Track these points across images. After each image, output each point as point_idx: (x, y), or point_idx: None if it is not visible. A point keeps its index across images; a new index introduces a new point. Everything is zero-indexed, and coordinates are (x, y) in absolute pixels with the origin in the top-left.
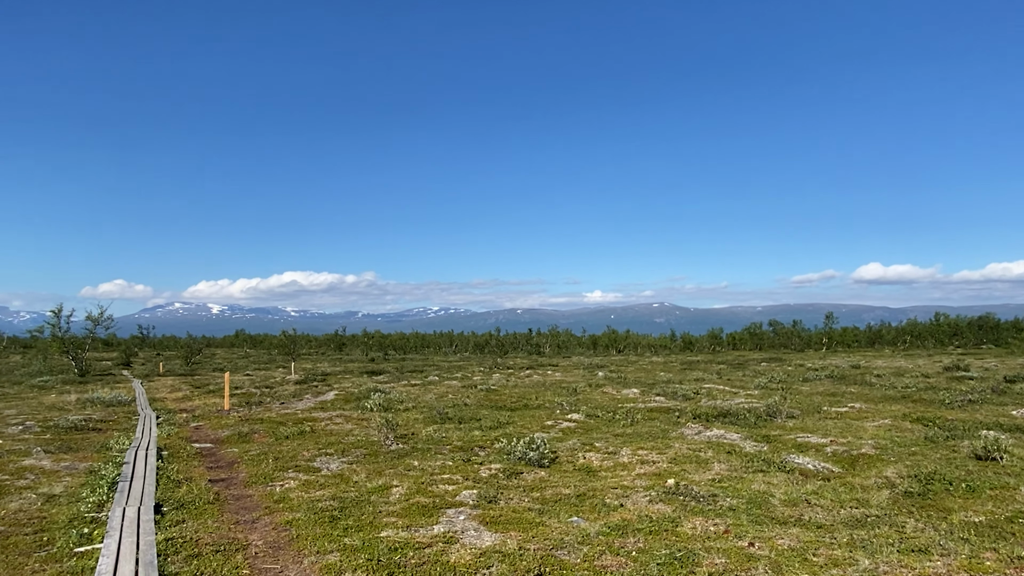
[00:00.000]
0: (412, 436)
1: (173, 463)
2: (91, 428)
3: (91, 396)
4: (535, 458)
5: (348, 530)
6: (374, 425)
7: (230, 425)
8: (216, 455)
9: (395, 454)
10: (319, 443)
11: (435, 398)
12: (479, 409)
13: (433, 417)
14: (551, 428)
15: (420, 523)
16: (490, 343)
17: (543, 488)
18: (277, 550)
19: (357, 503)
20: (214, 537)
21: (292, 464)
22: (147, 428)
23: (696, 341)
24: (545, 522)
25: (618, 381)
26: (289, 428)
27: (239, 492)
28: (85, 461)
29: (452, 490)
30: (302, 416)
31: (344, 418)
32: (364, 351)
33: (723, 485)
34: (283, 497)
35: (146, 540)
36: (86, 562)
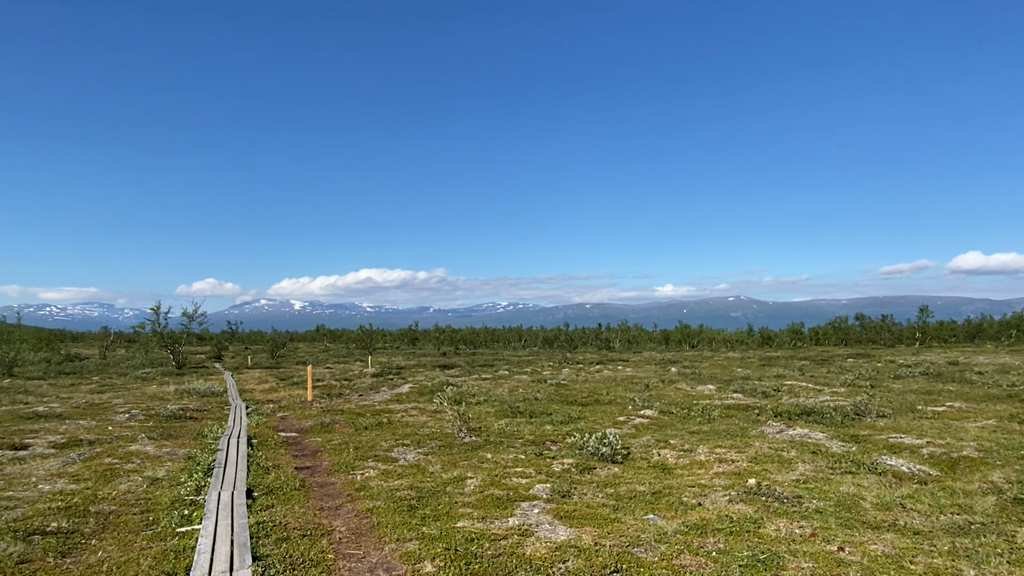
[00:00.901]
0: (484, 429)
1: (262, 451)
2: (188, 417)
3: (187, 387)
4: (608, 454)
5: (426, 519)
6: (447, 418)
7: (313, 416)
8: (301, 444)
9: (468, 446)
10: (396, 434)
11: (506, 392)
12: (549, 404)
13: (504, 411)
14: (623, 424)
15: (495, 515)
16: (559, 338)
17: (617, 484)
18: (359, 536)
19: (434, 493)
20: (301, 522)
21: (371, 454)
22: (238, 417)
23: (775, 336)
24: (620, 519)
25: (692, 377)
26: (368, 419)
27: (323, 480)
28: (183, 447)
29: (525, 483)
30: (379, 408)
31: (419, 410)
32: (436, 345)
33: (808, 486)
34: (364, 485)
35: (240, 523)
36: (187, 542)
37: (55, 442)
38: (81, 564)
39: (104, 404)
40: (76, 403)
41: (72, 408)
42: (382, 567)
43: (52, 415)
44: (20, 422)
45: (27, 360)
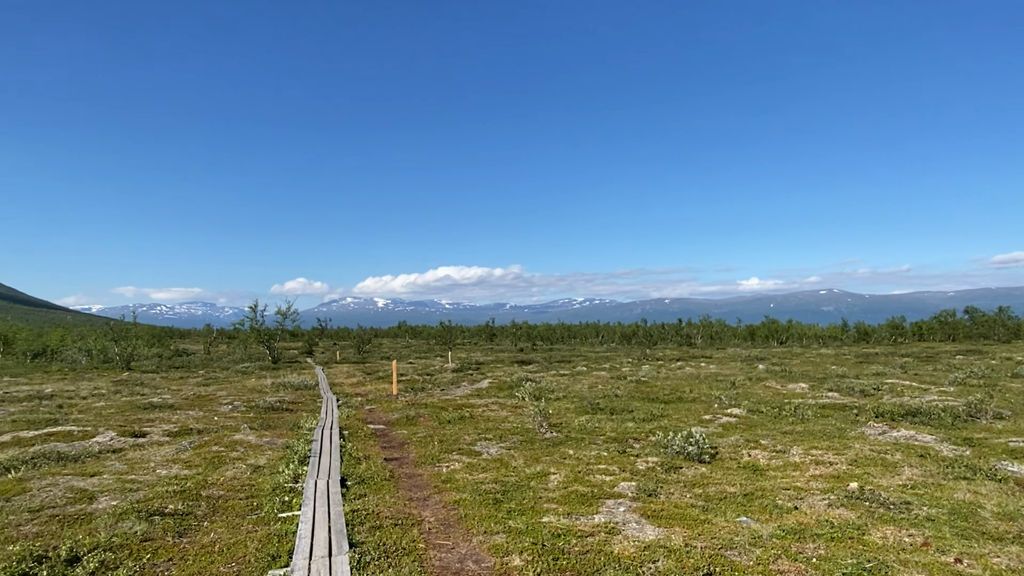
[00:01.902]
0: (565, 425)
1: (352, 442)
2: (284, 409)
3: (283, 380)
4: (694, 453)
5: (511, 513)
6: (528, 413)
7: (398, 409)
8: (388, 436)
9: (550, 442)
10: (478, 428)
11: (585, 388)
12: (630, 400)
13: (584, 407)
14: (709, 423)
15: (580, 511)
16: (637, 334)
17: (705, 484)
18: (448, 527)
19: (518, 488)
20: (392, 511)
21: (455, 447)
22: (329, 410)
23: (873, 331)
24: (711, 520)
25: (782, 375)
26: (450, 413)
27: (410, 471)
28: (281, 437)
29: (609, 481)
30: (461, 402)
31: (499, 405)
32: (513, 341)
33: (917, 492)
34: (449, 478)
35: (336, 510)
36: (288, 527)
37: (169, 431)
38: (196, 544)
39: (210, 396)
40: (185, 395)
41: (182, 399)
42: (471, 558)
43: (165, 406)
44: (138, 412)
45: (142, 355)
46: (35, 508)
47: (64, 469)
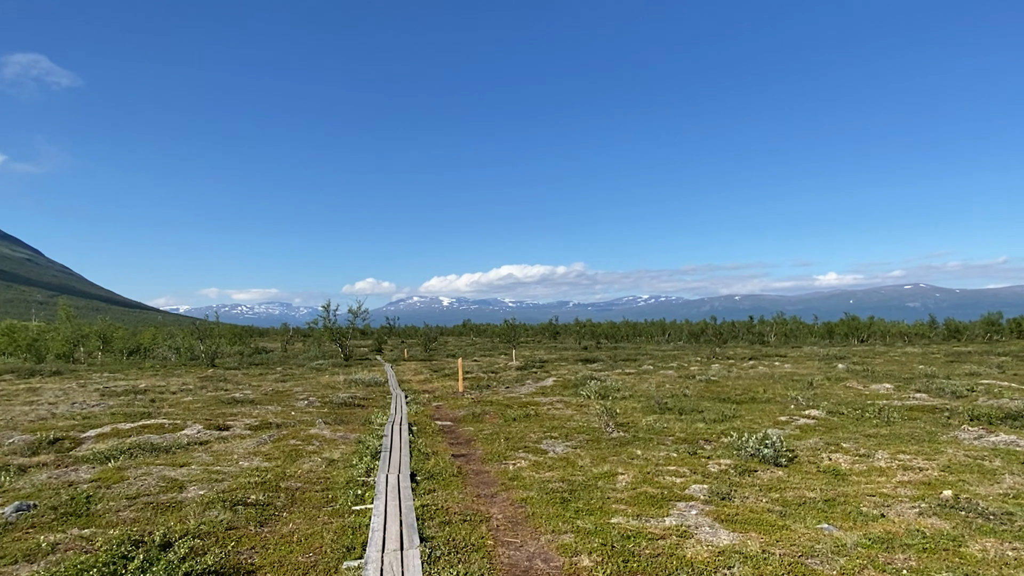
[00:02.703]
0: (632, 425)
1: (421, 437)
2: (356, 404)
3: (354, 377)
4: (770, 456)
5: (579, 513)
6: (593, 412)
7: (465, 406)
8: (455, 432)
9: (616, 441)
10: (543, 426)
11: (652, 387)
12: (700, 400)
13: (652, 407)
14: (785, 424)
15: (650, 513)
16: (706, 332)
17: (782, 489)
18: (515, 525)
19: (585, 487)
20: (460, 507)
21: (521, 445)
22: (398, 406)
23: (965, 328)
24: (789, 526)
25: (864, 374)
26: (515, 411)
27: (477, 468)
28: (354, 432)
29: (680, 483)
30: (526, 400)
31: (564, 404)
32: (577, 339)
33: (1021, 502)
34: (516, 475)
35: (406, 505)
36: (361, 519)
37: (250, 424)
38: (276, 534)
39: (287, 392)
40: (265, 390)
41: (262, 395)
42: (539, 557)
43: (246, 401)
44: (222, 406)
45: (225, 353)
46: (132, 495)
47: (157, 459)
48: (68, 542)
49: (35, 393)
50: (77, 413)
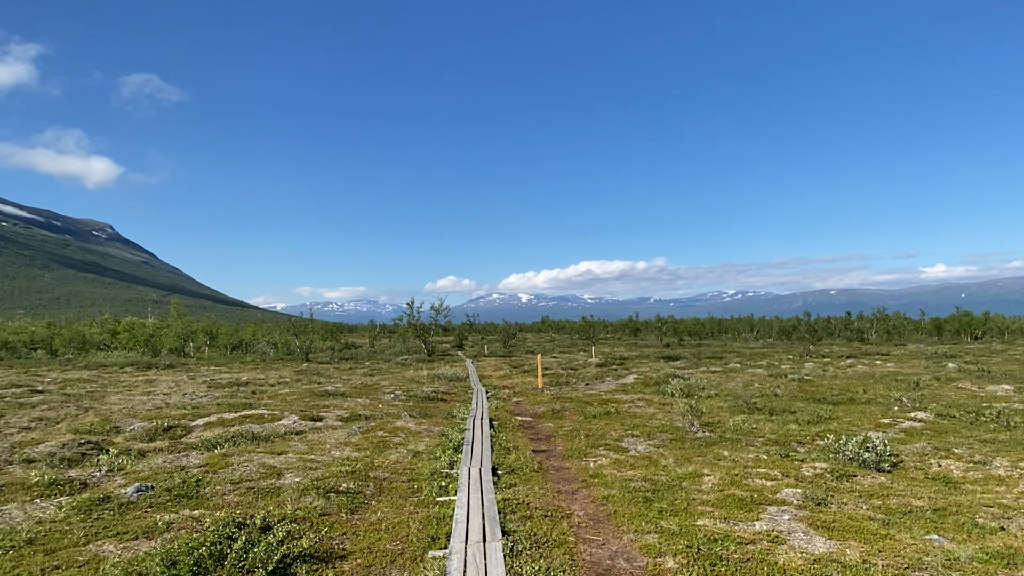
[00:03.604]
0: (718, 425)
1: (502, 432)
2: (439, 399)
3: (437, 372)
4: (871, 460)
5: (663, 513)
6: (677, 411)
7: (544, 402)
8: (535, 428)
9: (702, 442)
10: (624, 424)
11: (739, 386)
12: (792, 400)
13: (739, 406)
14: (888, 427)
15: (738, 517)
16: (798, 328)
17: (885, 496)
18: (597, 523)
19: (669, 487)
20: (541, 503)
21: (602, 442)
22: (479, 401)
23: None
24: (893, 535)
25: (979, 374)
26: (595, 408)
27: (558, 464)
28: (437, 425)
29: (771, 486)
30: (606, 397)
31: (646, 402)
32: (658, 336)
33: None
34: (597, 473)
35: (488, 498)
36: (445, 510)
37: (341, 416)
38: (365, 521)
39: (374, 385)
40: (354, 384)
41: (351, 388)
42: (622, 556)
43: (337, 393)
44: (315, 398)
45: (318, 348)
46: (235, 480)
47: (257, 448)
48: (180, 522)
49: (152, 384)
50: (187, 403)
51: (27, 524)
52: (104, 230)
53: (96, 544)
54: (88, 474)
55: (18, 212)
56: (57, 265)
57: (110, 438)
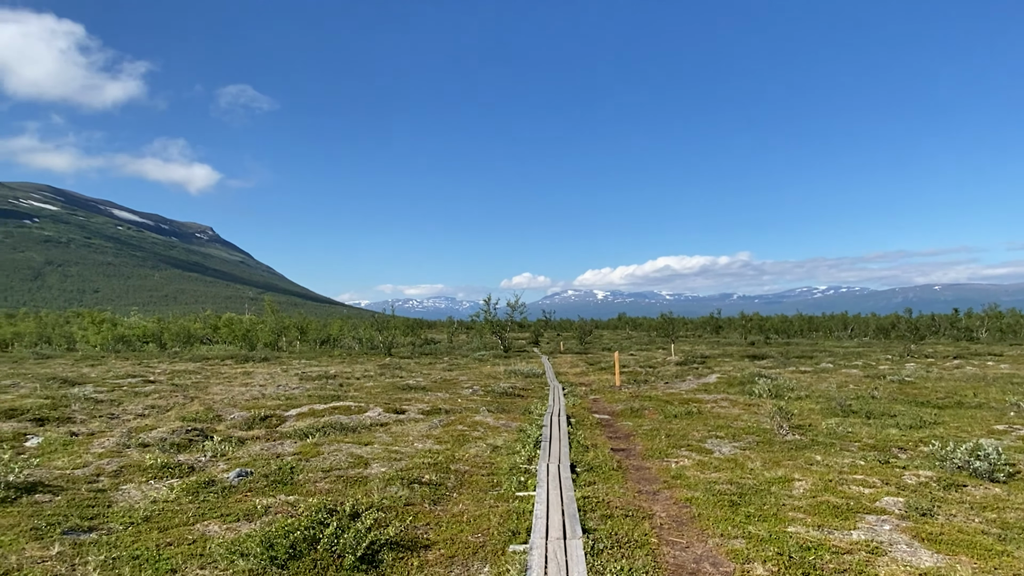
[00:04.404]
0: (809, 427)
1: (579, 430)
2: (516, 394)
3: (513, 368)
4: (984, 469)
5: (751, 518)
6: (764, 412)
7: (622, 400)
8: (613, 426)
9: (791, 445)
10: (707, 425)
11: (832, 388)
12: (892, 403)
13: (832, 408)
14: (1004, 434)
15: (833, 525)
16: (897, 326)
17: (1000, 508)
18: (680, 525)
19: (756, 491)
20: (621, 502)
21: (684, 443)
22: (556, 397)
23: None
24: (1011, 552)
25: None
26: (676, 407)
27: (638, 463)
28: (515, 421)
29: (869, 494)
30: (687, 396)
31: (729, 402)
32: (742, 334)
33: None
34: (679, 474)
35: (567, 495)
36: (525, 505)
37: (422, 409)
38: (447, 513)
39: (453, 380)
40: (434, 378)
41: (431, 382)
42: (707, 560)
43: (418, 387)
44: (398, 392)
45: (399, 343)
46: (326, 468)
47: (345, 438)
48: (277, 506)
49: (249, 376)
50: (281, 394)
51: (143, 503)
52: (205, 232)
53: (203, 524)
54: (195, 459)
55: (132, 217)
56: (165, 265)
57: (213, 426)
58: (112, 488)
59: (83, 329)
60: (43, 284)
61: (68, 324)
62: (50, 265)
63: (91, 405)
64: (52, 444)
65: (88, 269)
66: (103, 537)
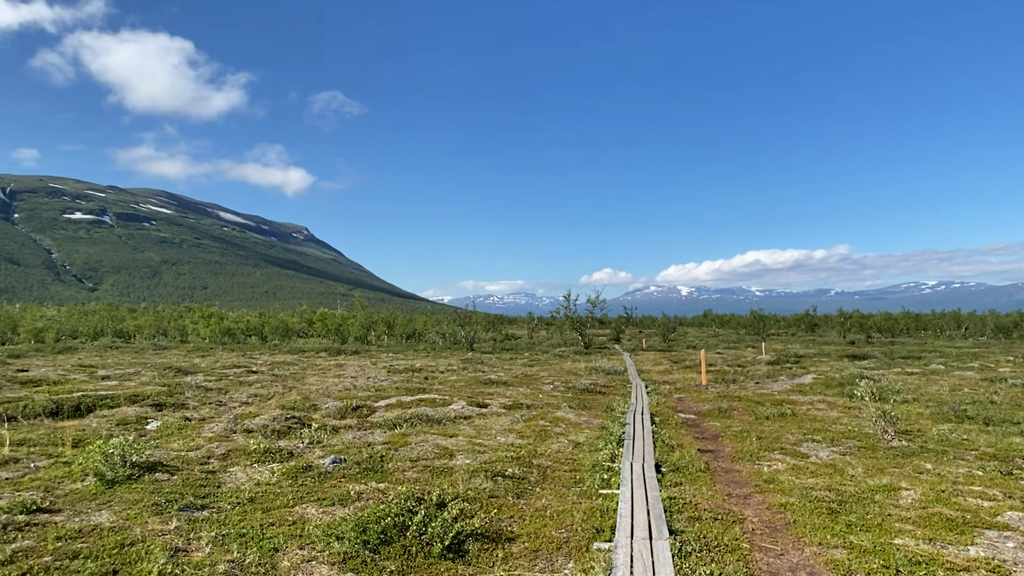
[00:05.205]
0: (917, 433)
1: (664, 429)
2: (597, 391)
3: (594, 365)
4: None
5: (852, 527)
6: (866, 415)
7: (709, 400)
8: (700, 427)
9: (897, 451)
10: (802, 428)
11: (944, 391)
12: (1015, 410)
13: (944, 413)
14: None
15: (947, 539)
16: (1020, 325)
17: None
18: (773, 531)
19: (858, 500)
20: (710, 504)
21: (776, 446)
22: (639, 395)
23: None
24: None
25: None
26: (768, 408)
27: (726, 466)
28: (597, 418)
29: (989, 507)
30: (780, 397)
31: (827, 404)
32: (840, 332)
33: None
34: (772, 478)
35: (652, 495)
36: (608, 503)
37: (504, 404)
38: (531, 507)
39: (534, 376)
40: (515, 373)
41: (512, 377)
42: (804, 569)
43: (500, 382)
44: (480, 386)
45: (481, 338)
46: (413, 458)
47: (431, 429)
48: (368, 493)
49: (341, 368)
50: (371, 386)
51: (248, 485)
52: (301, 232)
53: (301, 506)
54: (293, 445)
55: (236, 218)
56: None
57: (309, 414)
58: (221, 470)
59: (194, 323)
60: (160, 281)
61: (181, 318)
62: (165, 264)
63: (202, 393)
64: (168, 428)
65: (198, 267)
66: (213, 515)
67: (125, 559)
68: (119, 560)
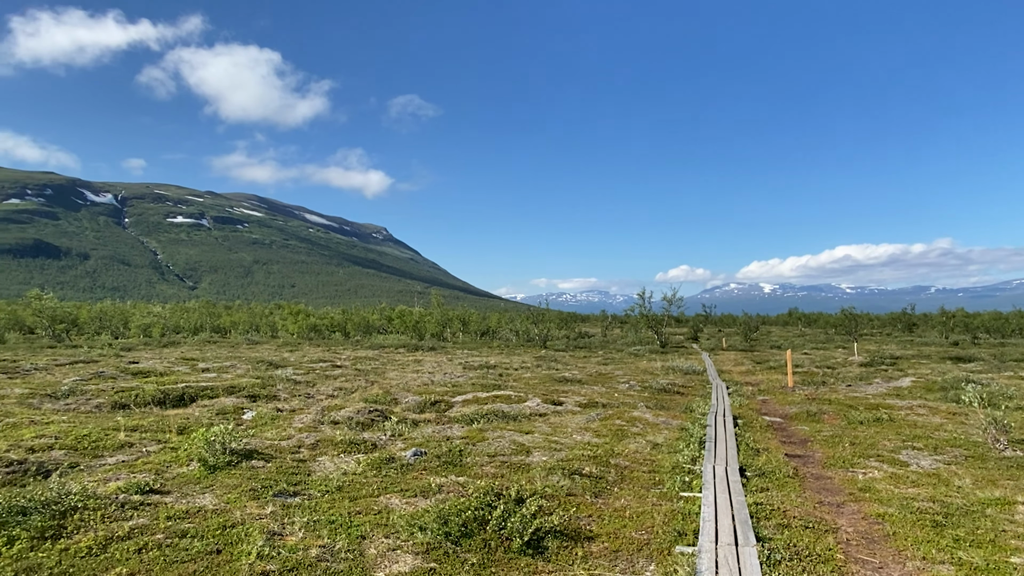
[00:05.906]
0: None
1: (747, 432)
2: (675, 391)
3: (671, 364)
4: None
5: (960, 542)
6: (973, 422)
7: (796, 402)
8: (787, 430)
9: (1012, 462)
10: (901, 434)
11: None
12: None
13: None
14: None
15: None
16: None
17: None
18: (870, 542)
19: (967, 513)
20: (800, 512)
21: (872, 453)
22: (720, 397)
23: None
24: None
25: None
26: (861, 413)
27: (817, 472)
28: (675, 419)
29: None
30: (874, 401)
31: (928, 409)
32: (942, 332)
33: None
34: (868, 487)
35: (737, 500)
36: (690, 506)
37: (579, 402)
38: (609, 507)
39: (608, 375)
40: (589, 372)
41: (586, 375)
42: None
43: (574, 380)
44: (554, 383)
45: (554, 336)
46: (491, 454)
47: (507, 425)
48: (448, 485)
49: (419, 364)
50: (448, 382)
51: (336, 474)
52: (380, 232)
53: (386, 497)
54: (376, 437)
55: (320, 220)
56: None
57: (391, 408)
58: (310, 459)
59: (283, 319)
60: (252, 280)
61: (271, 315)
62: (257, 263)
63: (291, 385)
64: (263, 418)
65: (286, 267)
66: (305, 502)
67: (227, 540)
68: (222, 540)
